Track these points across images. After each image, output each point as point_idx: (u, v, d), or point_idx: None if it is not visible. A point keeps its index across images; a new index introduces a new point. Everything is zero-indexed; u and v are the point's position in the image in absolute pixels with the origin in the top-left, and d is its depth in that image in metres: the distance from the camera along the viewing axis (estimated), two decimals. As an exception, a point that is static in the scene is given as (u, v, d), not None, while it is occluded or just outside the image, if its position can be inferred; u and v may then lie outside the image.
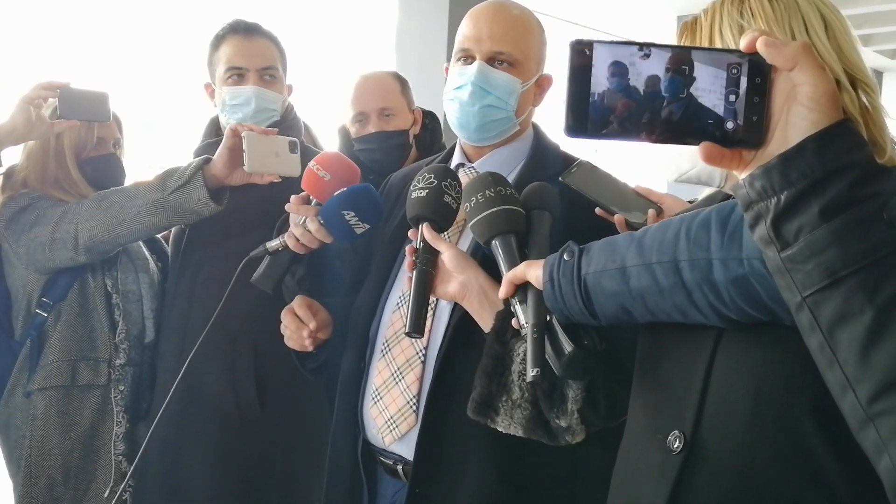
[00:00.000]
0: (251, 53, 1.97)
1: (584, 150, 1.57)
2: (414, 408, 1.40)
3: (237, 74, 1.96)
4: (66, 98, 1.86)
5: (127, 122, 2.14)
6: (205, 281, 1.94)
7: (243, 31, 1.99)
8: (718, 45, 0.96)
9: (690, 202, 1.49)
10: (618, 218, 1.38)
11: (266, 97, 1.97)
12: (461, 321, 1.35)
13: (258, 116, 1.95)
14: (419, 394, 1.40)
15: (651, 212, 1.38)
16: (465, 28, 1.48)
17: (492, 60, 1.45)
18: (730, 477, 0.89)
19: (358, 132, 2.25)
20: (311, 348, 1.53)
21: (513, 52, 1.45)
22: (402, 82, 2.33)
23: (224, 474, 1.93)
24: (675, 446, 0.93)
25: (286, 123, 2.02)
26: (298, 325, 1.51)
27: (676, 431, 0.93)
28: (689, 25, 1.02)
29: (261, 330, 1.89)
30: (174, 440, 1.91)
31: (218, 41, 2.01)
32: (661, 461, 0.94)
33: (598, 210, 1.40)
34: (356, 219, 1.50)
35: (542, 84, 1.54)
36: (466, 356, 1.34)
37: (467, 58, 1.47)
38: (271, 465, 1.94)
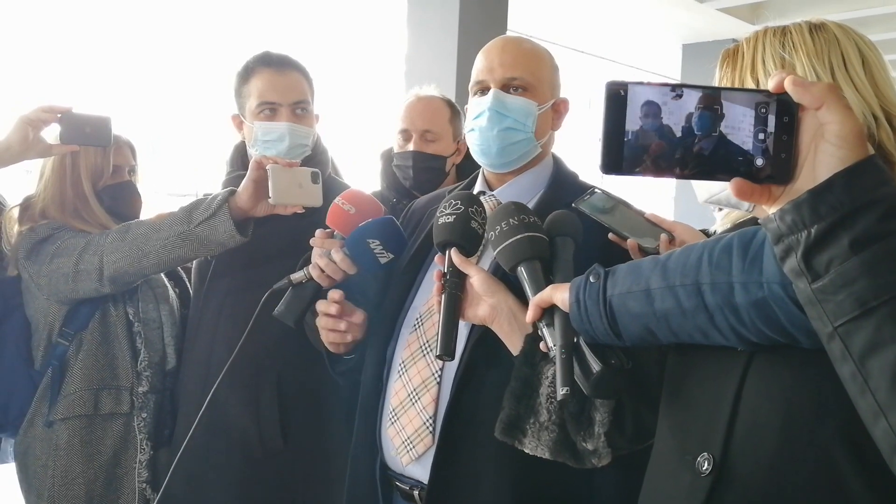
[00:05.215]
0: (283, 88, 1.96)
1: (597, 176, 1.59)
2: (430, 428, 1.41)
3: (269, 109, 1.96)
4: (69, 123, 1.86)
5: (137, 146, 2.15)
6: (230, 312, 1.93)
7: (276, 64, 1.98)
8: (760, 72, 0.99)
9: (702, 231, 1.50)
10: (630, 243, 1.41)
11: (299, 133, 1.97)
12: (479, 343, 1.37)
13: (292, 153, 1.95)
14: (435, 414, 1.41)
15: (663, 237, 1.40)
16: (478, 63, 1.54)
17: (506, 87, 1.50)
18: (758, 500, 0.89)
19: (401, 147, 2.33)
20: (349, 338, 1.53)
21: (525, 76, 1.50)
22: (454, 111, 2.36)
23: None
24: (704, 468, 0.93)
25: (315, 158, 2.03)
26: (337, 320, 1.52)
27: (705, 453, 0.93)
28: (731, 53, 1.04)
29: (284, 362, 1.90)
30: (197, 472, 1.89)
31: (248, 73, 2.00)
32: (690, 483, 0.95)
33: (611, 235, 1.43)
34: (381, 247, 1.52)
35: (559, 108, 1.59)
36: (483, 378, 1.36)
37: (483, 89, 1.52)
38: (293, 497, 1.93)
